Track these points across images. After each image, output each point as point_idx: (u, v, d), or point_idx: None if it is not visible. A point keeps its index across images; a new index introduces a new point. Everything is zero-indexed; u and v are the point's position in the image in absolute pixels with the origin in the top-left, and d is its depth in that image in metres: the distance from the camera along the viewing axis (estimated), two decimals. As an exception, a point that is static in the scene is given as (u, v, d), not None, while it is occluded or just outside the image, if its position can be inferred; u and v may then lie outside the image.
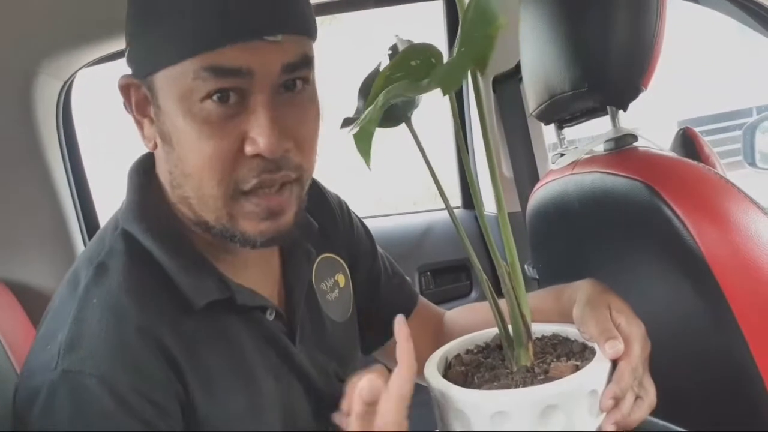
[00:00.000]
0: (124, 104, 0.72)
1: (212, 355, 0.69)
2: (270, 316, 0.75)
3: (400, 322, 0.59)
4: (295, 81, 0.67)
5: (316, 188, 0.89)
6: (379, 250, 0.97)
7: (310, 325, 0.81)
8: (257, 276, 0.77)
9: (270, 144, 0.64)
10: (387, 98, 0.50)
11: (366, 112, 0.51)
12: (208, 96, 0.64)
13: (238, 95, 0.65)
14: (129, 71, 0.71)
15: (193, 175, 0.67)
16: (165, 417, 0.64)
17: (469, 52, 0.44)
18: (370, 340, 0.94)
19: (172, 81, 0.65)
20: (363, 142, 0.50)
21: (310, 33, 0.68)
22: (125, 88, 0.71)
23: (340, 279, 0.89)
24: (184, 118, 0.65)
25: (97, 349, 0.64)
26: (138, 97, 0.71)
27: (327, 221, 0.89)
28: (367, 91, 0.69)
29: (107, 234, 0.73)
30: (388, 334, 0.94)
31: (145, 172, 0.76)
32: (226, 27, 0.63)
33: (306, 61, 0.67)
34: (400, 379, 0.57)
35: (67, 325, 0.65)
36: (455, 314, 0.99)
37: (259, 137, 0.64)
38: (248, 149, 0.65)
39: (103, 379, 0.62)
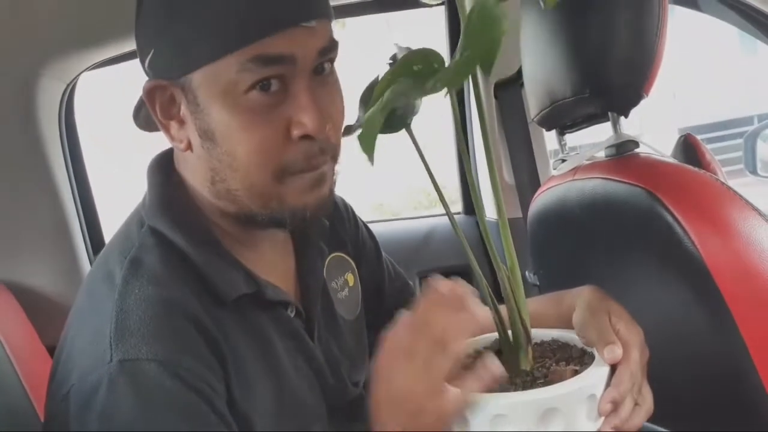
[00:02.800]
0: (135, 111, 0.72)
1: (244, 348, 0.70)
2: (291, 313, 0.76)
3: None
4: (325, 64, 0.70)
5: None
6: (383, 253, 0.98)
7: (325, 322, 0.82)
8: (276, 272, 0.78)
9: (317, 124, 0.67)
10: (391, 98, 0.50)
11: (369, 112, 0.51)
12: (253, 87, 0.65)
13: (280, 82, 0.66)
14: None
15: (242, 167, 0.68)
16: (220, 398, 0.65)
17: (474, 53, 0.45)
18: (372, 341, 0.93)
19: (213, 77, 0.66)
20: (367, 143, 0.50)
21: (332, 16, 0.71)
22: (150, 92, 0.70)
23: (350, 278, 0.90)
24: (230, 112, 0.66)
25: (149, 333, 0.64)
26: (163, 100, 0.70)
27: (335, 221, 0.90)
28: (367, 100, 0.69)
29: (133, 231, 0.73)
30: None
31: (164, 169, 0.76)
32: (267, 16, 0.64)
33: (334, 44, 0.70)
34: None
35: (113, 318, 0.65)
36: None
37: (306, 119, 0.66)
38: (296, 132, 0.67)
39: (161, 362, 0.63)
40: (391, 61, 0.69)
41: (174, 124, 0.71)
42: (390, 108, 0.51)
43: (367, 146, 0.51)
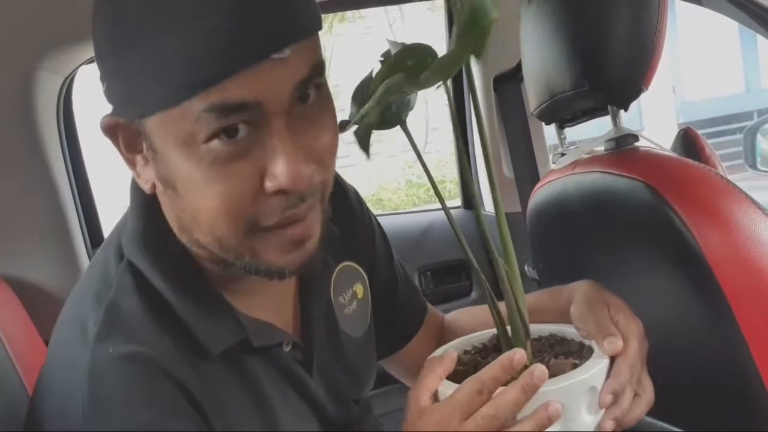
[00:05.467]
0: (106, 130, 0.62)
1: (232, 400, 0.65)
2: (287, 348, 0.71)
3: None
4: (309, 91, 0.59)
5: (335, 183, 0.74)
6: (394, 254, 0.92)
7: (328, 348, 0.76)
8: (272, 301, 0.72)
9: (294, 177, 0.56)
10: (385, 92, 0.50)
11: (364, 108, 0.51)
12: (214, 135, 0.55)
13: (249, 126, 0.56)
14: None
15: (206, 222, 0.59)
16: None
17: (465, 42, 0.44)
18: (382, 349, 0.89)
19: (169, 125, 0.56)
20: (363, 138, 0.50)
21: (317, 27, 0.59)
22: (110, 129, 0.61)
23: (359, 290, 0.83)
24: (190, 162, 0.57)
25: (127, 398, 0.59)
26: (126, 135, 0.61)
27: (347, 221, 0.81)
28: (360, 96, 0.69)
29: (110, 265, 0.67)
30: (400, 342, 0.91)
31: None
32: (226, 52, 0.53)
33: (318, 71, 0.58)
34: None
35: (86, 382, 0.59)
36: (455, 318, 0.96)
37: (280, 170, 0.56)
38: (269, 185, 0.57)
39: (144, 429, 0.58)
40: (382, 59, 0.68)
41: (140, 159, 0.62)
42: (384, 102, 0.50)
43: (363, 141, 0.50)
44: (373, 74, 0.60)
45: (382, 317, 0.88)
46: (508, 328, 0.62)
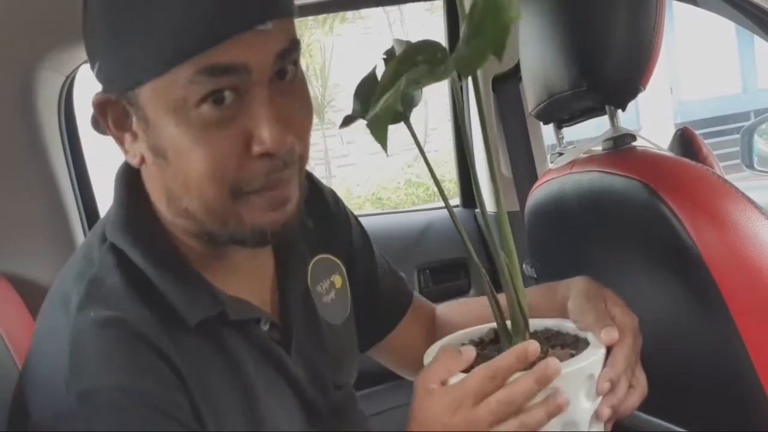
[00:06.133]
0: (93, 120, 0.68)
1: (212, 373, 0.68)
2: (264, 326, 0.73)
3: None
4: (287, 67, 0.65)
5: (311, 183, 0.84)
6: (375, 249, 0.95)
7: (306, 331, 0.79)
8: (250, 283, 0.75)
9: (277, 140, 0.62)
10: (406, 85, 0.50)
11: (382, 101, 0.51)
12: (204, 99, 0.61)
13: (235, 93, 0.62)
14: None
15: (194, 186, 0.64)
16: (189, 415, 0.63)
17: (486, 39, 0.45)
18: (366, 337, 0.92)
19: (161, 92, 0.61)
20: (380, 133, 0.51)
21: (294, 12, 0.66)
22: (100, 105, 0.66)
23: (337, 280, 0.86)
24: (180, 128, 0.62)
25: (106, 359, 0.62)
26: (114, 112, 0.66)
27: (322, 218, 0.86)
28: (362, 93, 0.70)
29: (94, 249, 0.70)
30: (384, 331, 0.94)
31: (130, 180, 0.72)
32: (214, 23, 0.59)
33: (295, 45, 0.65)
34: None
35: (68, 347, 0.62)
36: (448, 309, 0.98)
37: (266, 134, 0.62)
38: (256, 149, 0.62)
39: (123, 389, 0.60)
40: (385, 57, 0.69)
41: (128, 137, 0.67)
42: (407, 95, 0.51)
43: (380, 136, 0.51)
44: (376, 71, 0.61)
45: (364, 308, 0.91)
46: (508, 322, 0.63)
